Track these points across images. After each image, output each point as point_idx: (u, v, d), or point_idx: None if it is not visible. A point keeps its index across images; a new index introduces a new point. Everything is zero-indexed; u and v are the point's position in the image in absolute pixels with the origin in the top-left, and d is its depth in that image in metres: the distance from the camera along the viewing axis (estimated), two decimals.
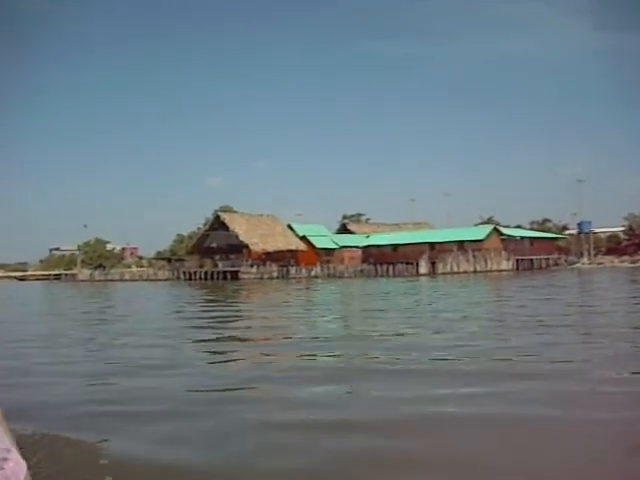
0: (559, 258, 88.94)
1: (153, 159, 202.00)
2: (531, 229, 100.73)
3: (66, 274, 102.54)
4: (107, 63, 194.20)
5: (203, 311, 26.98)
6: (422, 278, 63.17)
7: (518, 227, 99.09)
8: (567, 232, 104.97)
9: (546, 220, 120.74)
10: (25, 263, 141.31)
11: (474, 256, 73.67)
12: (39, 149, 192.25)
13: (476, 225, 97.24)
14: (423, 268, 70.26)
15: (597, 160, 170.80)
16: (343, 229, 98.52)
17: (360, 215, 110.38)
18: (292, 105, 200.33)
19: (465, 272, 70.50)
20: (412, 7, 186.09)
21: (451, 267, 71.10)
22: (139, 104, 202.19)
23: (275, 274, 74.81)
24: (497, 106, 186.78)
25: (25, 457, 0.90)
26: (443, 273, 69.53)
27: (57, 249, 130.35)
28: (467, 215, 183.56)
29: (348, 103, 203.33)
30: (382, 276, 68.82)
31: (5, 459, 0.81)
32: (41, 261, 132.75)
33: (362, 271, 72.44)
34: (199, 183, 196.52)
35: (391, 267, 71.18)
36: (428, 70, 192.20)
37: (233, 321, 20.97)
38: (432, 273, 69.67)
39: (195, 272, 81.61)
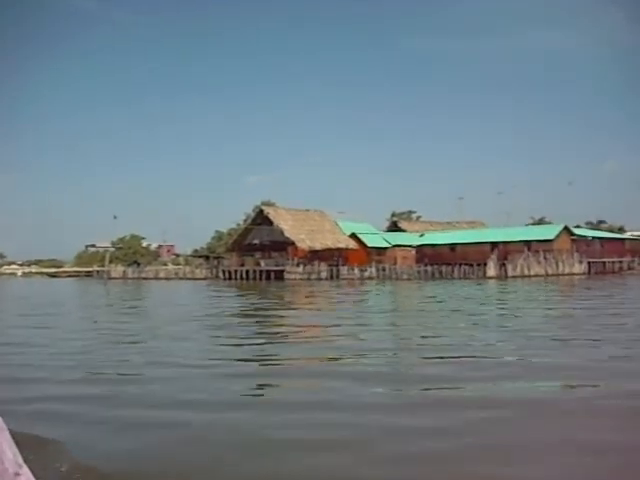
0: (632, 261, 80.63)
1: (190, 157, 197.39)
2: None
3: (98, 271, 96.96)
4: (146, 59, 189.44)
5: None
6: (491, 281, 56.02)
7: (577, 227, 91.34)
8: (628, 233, 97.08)
9: (601, 221, 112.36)
10: (54, 260, 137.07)
11: (545, 258, 65.89)
12: (74, 147, 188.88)
13: (527, 225, 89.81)
14: (491, 270, 62.69)
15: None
16: (393, 227, 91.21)
17: (411, 212, 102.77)
18: (331, 104, 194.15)
19: (536, 275, 62.93)
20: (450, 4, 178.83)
21: (521, 269, 63.43)
22: (177, 100, 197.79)
23: (324, 274, 67.86)
24: (541, 104, 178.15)
25: None
26: (513, 276, 61.98)
27: (93, 245, 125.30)
28: (515, 215, 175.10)
29: (387, 99, 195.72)
30: (445, 279, 61.58)
31: (18, 474, 0.78)
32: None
33: (420, 272, 65.04)
34: (237, 181, 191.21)
35: (456, 269, 63.68)
36: (476, 66, 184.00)
37: None
38: (501, 276, 62.13)
39: (235, 271, 75.12)
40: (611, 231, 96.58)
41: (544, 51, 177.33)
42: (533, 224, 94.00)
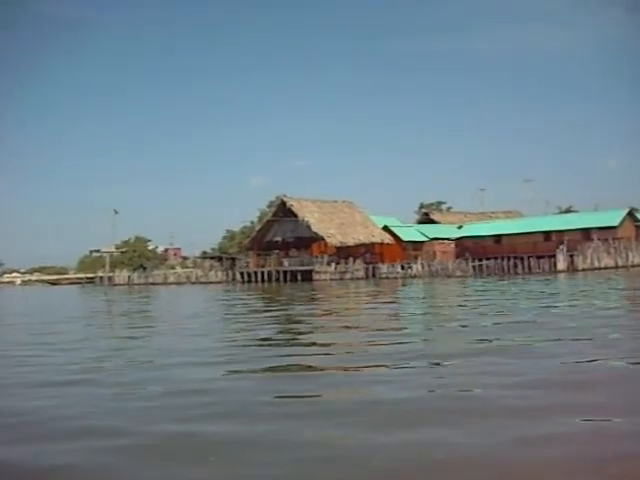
0: None
1: (192, 159, 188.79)
2: None
3: (101, 277, 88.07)
4: (146, 57, 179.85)
5: None
6: (561, 275, 47.03)
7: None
8: None
9: (634, 209, 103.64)
10: (57, 267, 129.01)
11: (615, 247, 56.95)
12: (82, 152, 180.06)
13: (555, 214, 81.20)
14: (561, 263, 53.67)
15: None
16: (425, 219, 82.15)
17: (440, 203, 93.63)
18: (336, 100, 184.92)
19: (606, 267, 53.94)
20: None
21: (591, 261, 54.45)
22: (182, 103, 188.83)
23: (360, 273, 58.84)
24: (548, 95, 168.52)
25: None
26: (583, 269, 53.00)
27: (97, 251, 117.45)
28: (538, 204, 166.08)
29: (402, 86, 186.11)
30: (508, 274, 52.52)
31: None
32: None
33: (477, 268, 55.81)
34: (241, 179, 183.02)
35: (521, 263, 54.46)
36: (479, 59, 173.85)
37: None
38: (571, 269, 53.10)
39: (255, 272, 66.13)
40: None
41: (546, 47, 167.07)
42: (560, 213, 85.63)
